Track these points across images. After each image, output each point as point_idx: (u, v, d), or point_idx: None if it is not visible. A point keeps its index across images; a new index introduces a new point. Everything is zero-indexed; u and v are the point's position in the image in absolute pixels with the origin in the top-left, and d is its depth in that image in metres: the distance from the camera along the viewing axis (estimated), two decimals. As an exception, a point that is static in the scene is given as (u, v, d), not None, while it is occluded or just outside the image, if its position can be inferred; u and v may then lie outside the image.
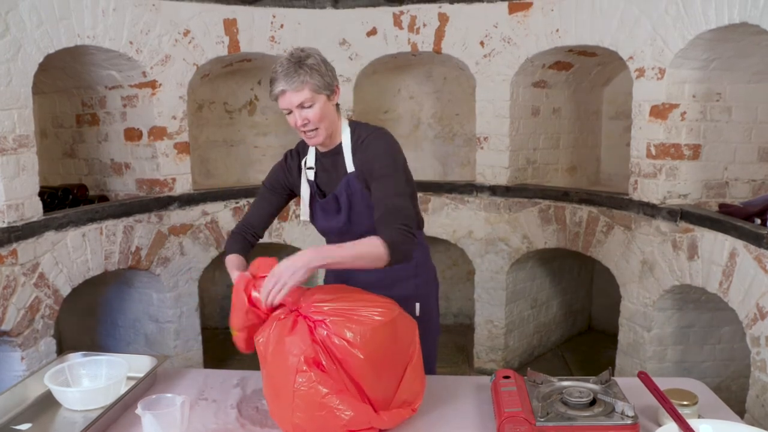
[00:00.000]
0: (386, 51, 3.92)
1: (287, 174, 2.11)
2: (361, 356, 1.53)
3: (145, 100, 3.52)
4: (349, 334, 1.53)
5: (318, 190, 2.06)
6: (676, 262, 3.07)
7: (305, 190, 2.06)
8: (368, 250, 1.68)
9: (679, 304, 3.23)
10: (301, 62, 1.83)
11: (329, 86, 1.88)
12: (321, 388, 1.49)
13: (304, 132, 1.90)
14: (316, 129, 1.89)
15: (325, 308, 1.59)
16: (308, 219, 2.09)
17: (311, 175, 2.06)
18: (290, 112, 1.88)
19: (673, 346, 3.29)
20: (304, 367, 1.50)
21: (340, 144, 1.99)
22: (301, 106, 1.85)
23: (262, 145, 4.49)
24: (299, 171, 2.09)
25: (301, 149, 2.11)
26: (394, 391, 1.62)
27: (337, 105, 1.97)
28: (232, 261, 1.98)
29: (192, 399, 1.76)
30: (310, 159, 2.06)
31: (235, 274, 1.85)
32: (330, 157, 2.02)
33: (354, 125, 2.02)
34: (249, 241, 2.11)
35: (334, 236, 2.07)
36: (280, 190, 2.12)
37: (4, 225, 2.68)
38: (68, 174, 3.93)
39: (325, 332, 1.55)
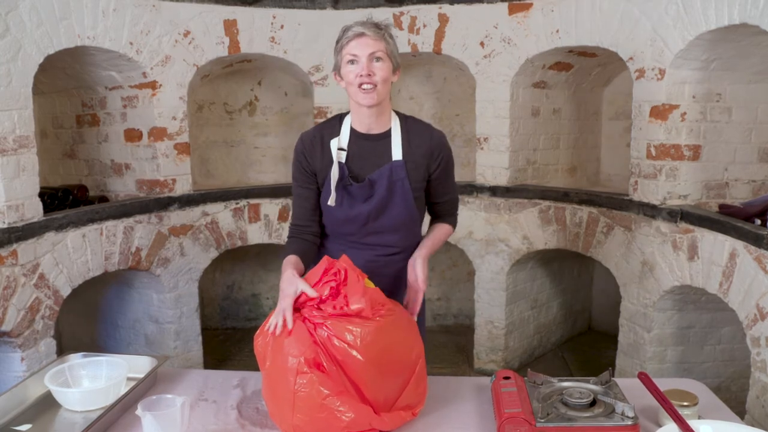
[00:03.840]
0: (386, 51, 3.92)
1: (309, 156, 1.95)
2: (361, 358, 1.53)
3: (146, 100, 3.51)
4: (349, 336, 1.53)
5: (349, 174, 1.92)
6: (676, 263, 3.06)
7: (335, 173, 1.91)
8: (447, 236, 2.12)
9: (679, 305, 3.23)
10: (380, 25, 1.85)
11: (397, 61, 1.89)
12: (322, 390, 1.49)
13: (363, 87, 1.81)
14: (376, 86, 1.82)
15: (327, 309, 1.59)
16: (334, 204, 1.93)
17: (342, 156, 1.92)
18: (353, 63, 1.82)
19: (673, 347, 3.29)
20: (305, 369, 1.50)
21: (389, 130, 1.94)
22: (372, 56, 1.81)
23: (262, 145, 4.49)
24: (323, 152, 1.94)
25: (326, 131, 1.96)
26: (396, 395, 1.62)
27: None
28: (289, 261, 1.85)
29: (192, 400, 1.77)
30: (343, 140, 1.93)
31: (288, 272, 1.75)
32: (372, 141, 1.93)
33: (403, 116, 1.98)
34: (308, 240, 1.98)
35: (356, 225, 1.97)
36: (309, 177, 1.97)
37: (5, 226, 2.68)
38: (68, 174, 3.93)
39: (326, 333, 1.55)
